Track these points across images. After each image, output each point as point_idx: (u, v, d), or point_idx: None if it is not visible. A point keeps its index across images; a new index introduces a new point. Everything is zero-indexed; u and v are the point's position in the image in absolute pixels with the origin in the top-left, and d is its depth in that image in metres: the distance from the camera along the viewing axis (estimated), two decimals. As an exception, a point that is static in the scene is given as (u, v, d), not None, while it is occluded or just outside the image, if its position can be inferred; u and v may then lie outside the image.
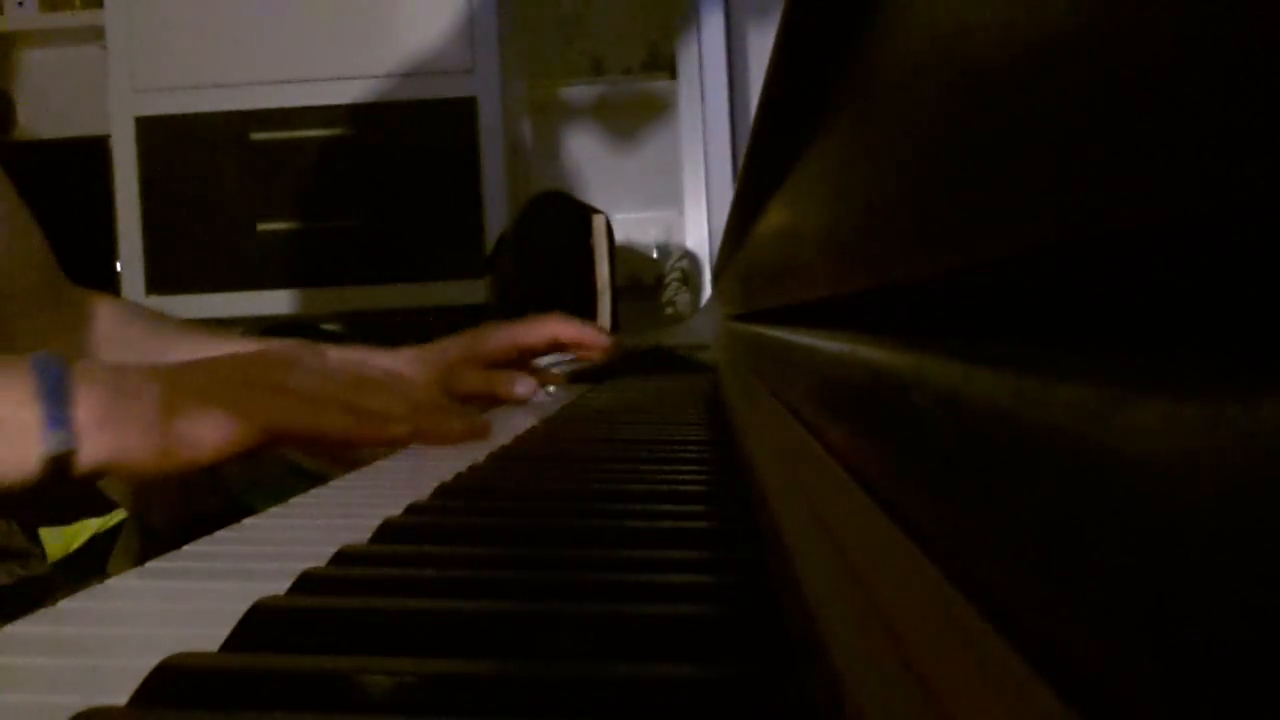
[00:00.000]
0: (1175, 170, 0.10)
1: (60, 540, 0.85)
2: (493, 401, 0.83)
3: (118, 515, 0.87)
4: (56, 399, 0.52)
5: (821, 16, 0.25)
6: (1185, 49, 0.09)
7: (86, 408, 0.53)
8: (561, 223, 1.91)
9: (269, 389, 0.58)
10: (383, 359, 0.78)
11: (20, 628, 0.29)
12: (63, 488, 0.54)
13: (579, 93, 2.41)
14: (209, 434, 0.55)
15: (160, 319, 0.87)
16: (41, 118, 2.53)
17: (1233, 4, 0.08)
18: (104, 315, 0.83)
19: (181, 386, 0.56)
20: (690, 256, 2.27)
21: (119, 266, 2.14)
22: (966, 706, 0.14)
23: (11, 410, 0.52)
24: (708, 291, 2.19)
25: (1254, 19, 0.08)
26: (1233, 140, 0.08)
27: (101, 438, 0.53)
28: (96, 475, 0.55)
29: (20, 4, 2.44)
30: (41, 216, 0.80)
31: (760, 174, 0.47)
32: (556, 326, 0.84)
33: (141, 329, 0.83)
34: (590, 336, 0.86)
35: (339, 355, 0.67)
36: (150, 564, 0.36)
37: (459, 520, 0.42)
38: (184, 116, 2.10)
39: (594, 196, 2.21)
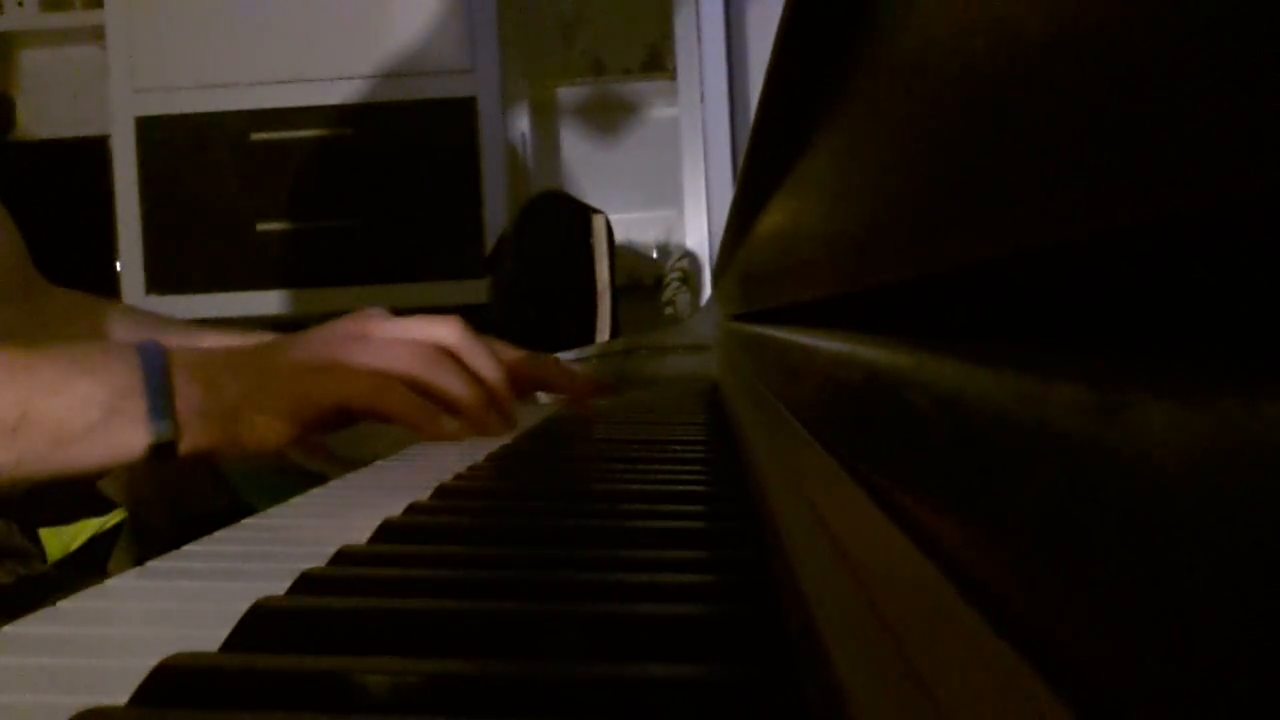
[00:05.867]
0: (1175, 170, 0.10)
1: (60, 540, 0.85)
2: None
3: (118, 515, 0.87)
4: (160, 390, 0.55)
5: (821, 16, 0.25)
6: (1184, 48, 0.09)
7: (184, 397, 0.56)
8: (561, 223, 1.91)
9: (339, 368, 0.61)
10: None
11: (20, 628, 0.29)
12: (167, 469, 0.57)
13: (579, 93, 2.41)
14: (285, 420, 0.59)
15: (140, 316, 0.87)
16: (41, 118, 2.52)
17: (1230, 4, 0.08)
18: (77, 312, 0.83)
19: (261, 372, 0.60)
20: (690, 256, 2.27)
21: (119, 266, 2.14)
22: (966, 706, 0.14)
23: (119, 400, 0.54)
24: (708, 291, 2.19)
25: (1252, 19, 0.08)
26: (1232, 140, 0.08)
27: (199, 426, 0.56)
28: (196, 458, 0.58)
29: (20, 4, 2.44)
30: (41, 216, 0.80)
31: (760, 174, 0.47)
32: (552, 372, 0.82)
33: (120, 327, 0.83)
34: (579, 387, 0.84)
35: (424, 323, 0.66)
36: (150, 564, 0.36)
37: (459, 520, 0.42)
38: (184, 116, 2.10)
39: (594, 196, 2.21)
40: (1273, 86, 0.08)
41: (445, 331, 0.67)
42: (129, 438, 0.55)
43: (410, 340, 0.65)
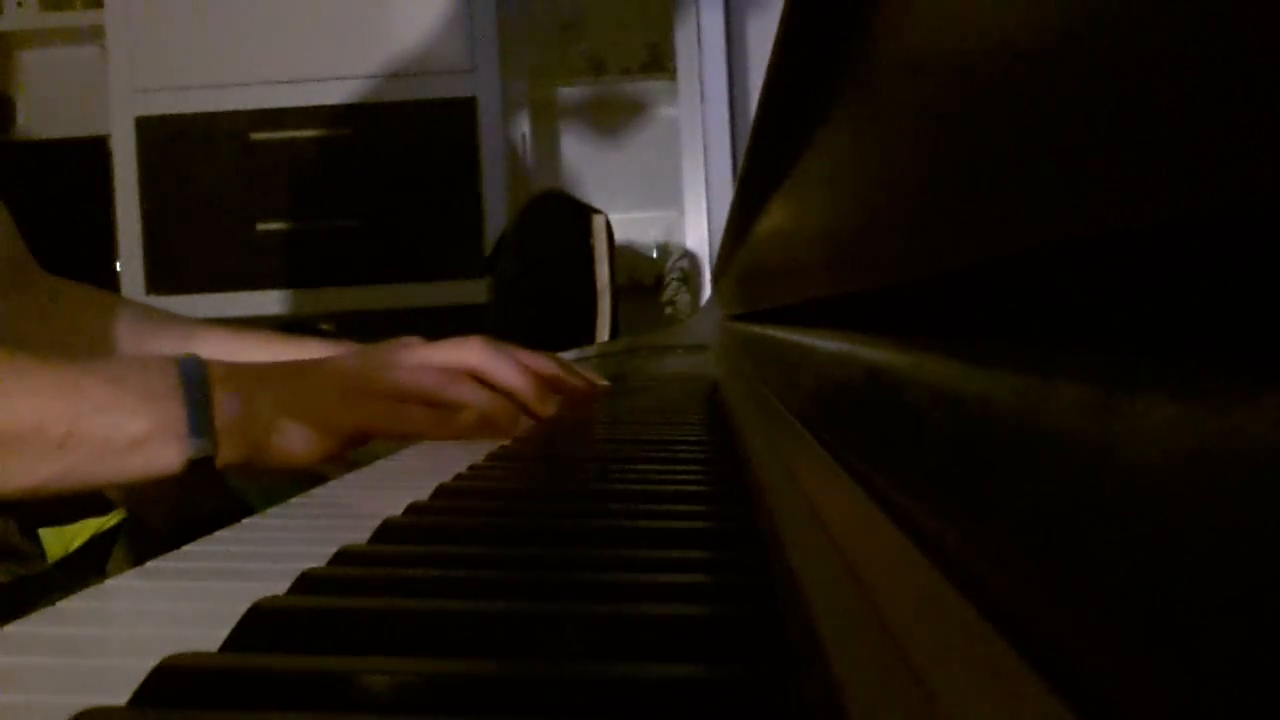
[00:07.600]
0: (1174, 171, 0.10)
1: (60, 540, 0.85)
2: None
3: (118, 515, 0.86)
4: (200, 407, 0.57)
5: (821, 16, 0.25)
6: (1184, 50, 0.09)
7: (222, 414, 0.58)
8: (561, 223, 1.91)
9: (361, 394, 0.64)
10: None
11: (20, 628, 0.29)
12: (203, 480, 0.60)
13: (579, 93, 2.41)
14: (310, 440, 0.62)
15: (142, 311, 0.87)
16: (41, 118, 2.53)
17: (1229, 5, 0.08)
18: (77, 304, 0.83)
19: (290, 394, 0.62)
20: (690, 256, 2.27)
21: (119, 266, 2.14)
22: (965, 706, 0.14)
23: (161, 416, 0.56)
24: (708, 291, 2.19)
25: (1251, 20, 0.08)
26: (1231, 141, 0.08)
27: (234, 441, 0.59)
28: (226, 470, 0.60)
29: (20, 4, 2.44)
30: (41, 216, 0.80)
31: (760, 174, 0.47)
32: (553, 369, 0.81)
33: (119, 321, 0.83)
34: (583, 388, 0.84)
35: (449, 347, 0.69)
36: (150, 564, 0.36)
37: (459, 520, 0.42)
38: (184, 116, 2.10)
39: (594, 196, 2.21)
40: (1271, 89, 0.08)
41: (468, 353, 0.69)
42: (168, 452, 0.57)
43: (433, 364, 0.67)
